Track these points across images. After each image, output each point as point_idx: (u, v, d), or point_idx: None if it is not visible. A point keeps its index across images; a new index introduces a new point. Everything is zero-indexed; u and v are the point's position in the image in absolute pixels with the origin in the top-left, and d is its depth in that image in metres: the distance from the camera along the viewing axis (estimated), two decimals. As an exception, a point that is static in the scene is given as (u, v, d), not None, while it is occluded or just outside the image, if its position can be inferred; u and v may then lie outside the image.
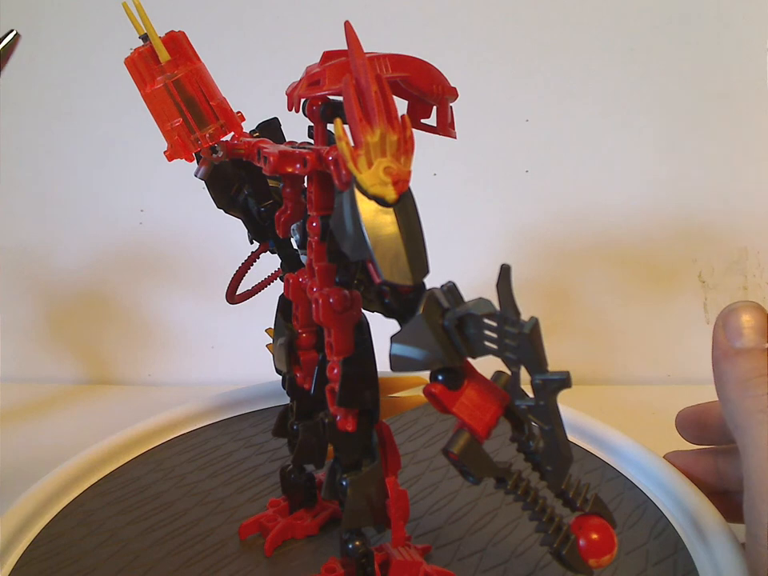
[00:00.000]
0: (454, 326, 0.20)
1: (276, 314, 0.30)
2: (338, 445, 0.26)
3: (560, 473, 0.21)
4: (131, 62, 0.25)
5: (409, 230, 0.20)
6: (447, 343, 0.20)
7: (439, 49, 0.51)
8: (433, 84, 0.26)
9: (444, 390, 0.21)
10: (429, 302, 0.20)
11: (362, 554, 0.26)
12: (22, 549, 0.31)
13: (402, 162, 0.20)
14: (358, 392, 0.24)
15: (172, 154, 0.25)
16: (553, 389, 0.19)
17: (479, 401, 0.21)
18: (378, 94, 0.19)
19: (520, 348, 0.19)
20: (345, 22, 0.21)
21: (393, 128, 0.19)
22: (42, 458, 0.37)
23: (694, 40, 0.53)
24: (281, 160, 0.24)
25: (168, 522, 0.33)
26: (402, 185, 0.20)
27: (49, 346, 0.61)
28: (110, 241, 0.59)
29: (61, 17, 0.55)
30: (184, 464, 0.38)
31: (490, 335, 0.19)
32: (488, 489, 0.35)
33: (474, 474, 0.21)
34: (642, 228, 0.56)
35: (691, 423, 0.34)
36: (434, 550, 0.31)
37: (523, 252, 0.57)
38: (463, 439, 0.21)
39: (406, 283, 0.20)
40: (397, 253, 0.19)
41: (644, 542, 0.31)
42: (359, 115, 0.19)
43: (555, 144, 0.55)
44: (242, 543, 0.32)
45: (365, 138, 0.19)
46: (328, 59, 0.25)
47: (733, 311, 0.28)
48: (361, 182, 0.19)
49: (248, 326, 0.59)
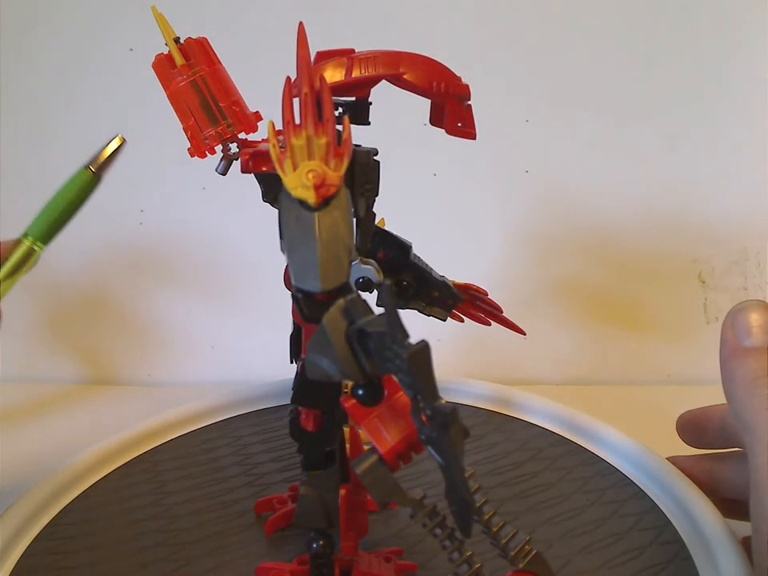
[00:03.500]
0: (356, 340, 0.19)
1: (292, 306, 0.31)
2: (299, 442, 0.26)
3: (463, 515, 0.19)
4: (156, 66, 0.27)
5: (329, 236, 0.19)
6: (350, 357, 0.19)
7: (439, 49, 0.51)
8: (432, 81, 0.26)
9: (355, 405, 0.20)
10: (333, 312, 0.19)
11: (320, 555, 0.26)
12: (23, 548, 0.31)
13: (332, 166, 0.19)
14: (313, 392, 0.24)
15: (191, 151, 0.27)
16: (440, 422, 0.17)
17: (390, 423, 0.20)
18: (307, 97, 0.19)
19: (407, 372, 0.17)
20: (299, 23, 0.21)
21: (322, 131, 0.19)
22: (42, 458, 0.37)
23: (694, 40, 0.53)
24: (251, 160, 0.25)
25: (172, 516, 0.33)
26: (327, 189, 0.19)
27: (49, 346, 0.61)
28: (110, 241, 0.59)
29: (61, 17, 0.55)
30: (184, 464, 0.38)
31: (388, 354, 0.18)
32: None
33: (373, 497, 0.19)
34: (642, 228, 0.56)
35: (691, 427, 0.34)
36: (419, 571, 0.29)
37: (523, 252, 0.57)
38: (370, 460, 0.19)
39: (314, 290, 0.19)
40: (310, 259, 0.19)
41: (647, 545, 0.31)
42: (287, 117, 0.19)
43: (555, 144, 0.55)
44: (258, 518, 0.33)
45: (291, 141, 0.19)
46: (321, 59, 0.26)
47: (742, 310, 0.28)
48: (285, 184, 0.19)
49: (248, 326, 0.59)
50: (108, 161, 0.27)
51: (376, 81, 0.26)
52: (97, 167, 0.27)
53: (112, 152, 0.27)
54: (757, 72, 0.53)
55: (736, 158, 0.55)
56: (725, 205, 0.56)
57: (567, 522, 0.32)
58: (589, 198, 0.56)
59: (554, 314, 0.58)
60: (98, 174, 0.27)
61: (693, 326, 0.58)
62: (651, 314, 0.58)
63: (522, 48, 0.54)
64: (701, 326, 0.58)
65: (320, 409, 0.25)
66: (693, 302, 0.57)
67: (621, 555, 0.30)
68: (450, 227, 0.56)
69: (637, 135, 0.55)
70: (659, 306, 0.58)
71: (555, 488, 0.35)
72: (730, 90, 0.54)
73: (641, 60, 0.54)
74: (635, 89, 0.54)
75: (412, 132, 0.44)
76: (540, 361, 0.57)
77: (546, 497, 0.35)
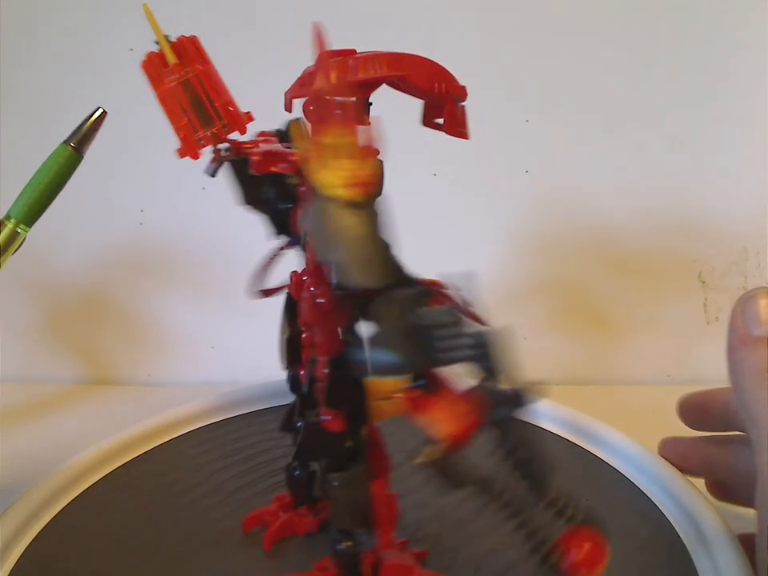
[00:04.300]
0: (422, 332, 0.19)
1: (283, 310, 0.31)
2: (325, 445, 0.26)
3: (543, 483, 0.21)
4: (146, 64, 0.26)
5: (363, 231, 0.19)
6: (416, 349, 0.19)
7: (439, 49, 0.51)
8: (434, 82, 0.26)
9: (422, 396, 0.20)
10: (396, 306, 0.20)
11: (351, 555, 0.26)
12: (23, 548, 0.31)
13: (360, 165, 0.20)
14: (345, 393, 0.24)
15: (181, 152, 0.27)
16: (519, 400, 0.19)
17: (456, 408, 0.21)
18: (335, 97, 0.19)
19: (482, 357, 0.19)
20: (313, 24, 0.21)
21: (349, 130, 0.19)
22: (42, 458, 0.37)
23: (694, 40, 0.53)
24: (263, 160, 0.24)
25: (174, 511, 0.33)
26: (360, 187, 0.19)
27: (49, 346, 0.61)
28: (110, 241, 0.59)
29: (61, 17, 0.55)
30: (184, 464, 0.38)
31: (457, 343, 0.19)
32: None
33: (451, 482, 0.21)
34: (642, 228, 0.56)
35: (694, 408, 0.33)
36: (430, 555, 0.30)
37: (523, 252, 0.57)
38: (431, 448, 0.20)
39: (355, 286, 0.19)
40: (359, 255, 0.19)
41: (646, 545, 0.31)
42: (316, 117, 0.20)
43: (555, 144, 0.55)
44: (246, 536, 0.32)
45: (321, 140, 0.19)
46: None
47: (753, 297, 0.27)
48: (320, 183, 0.19)
49: (248, 326, 0.59)
50: (88, 135, 0.25)
51: (381, 81, 0.26)
52: (77, 142, 0.25)
53: (91, 125, 0.25)
54: (757, 72, 0.53)
55: (736, 158, 0.55)
56: (725, 205, 0.56)
57: (552, 530, 0.32)
58: (589, 198, 0.56)
59: (554, 314, 0.58)
60: (78, 150, 0.26)
61: (693, 325, 0.58)
62: (651, 314, 0.58)
63: (522, 48, 0.54)
64: (701, 326, 0.58)
65: (352, 408, 0.25)
66: (693, 301, 0.57)
67: (620, 555, 0.30)
68: (449, 227, 0.56)
69: (637, 135, 0.55)
70: (659, 306, 0.58)
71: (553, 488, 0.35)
72: (731, 90, 0.54)
73: (641, 61, 0.54)
74: (635, 89, 0.54)
75: (412, 132, 0.44)
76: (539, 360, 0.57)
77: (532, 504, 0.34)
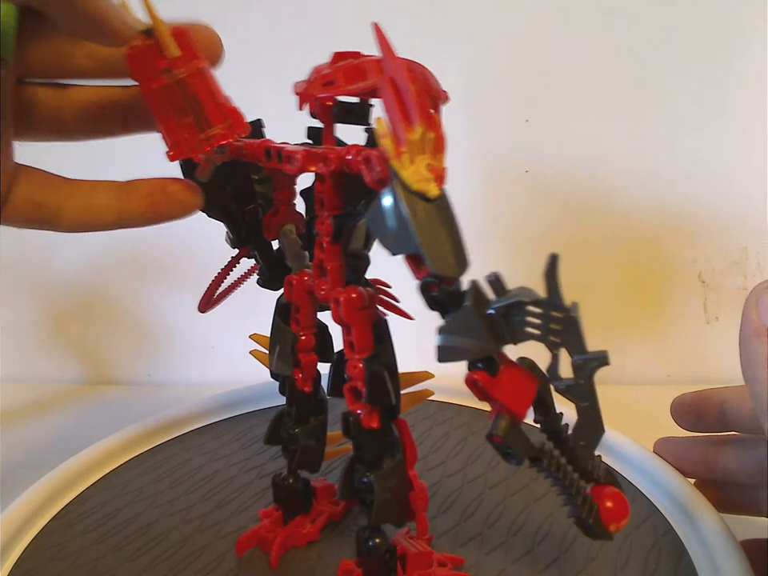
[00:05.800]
0: (501, 314, 0.21)
1: (274, 317, 0.30)
2: (362, 442, 0.26)
3: (593, 446, 0.23)
4: (133, 57, 0.23)
5: (450, 224, 0.20)
6: (493, 331, 0.21)
7: (439, 49, 0.51)
8: None
9: (486, 377, 0.22)
10: (477, 293, 0.21)
11: (385, 550, 0.26)
12: (23, 548, 0.31)
13: (438, 159, 0.20)
14: (384, 388, 0.25)
15: (177, 155, 0.24)
16: (593, 367, 0.21)
17: (516, 385, 0.22)
18: (418, 94, 0.20)
19: (565, 331, 0.20)
20: (373, 24, 0.22)
21: (431, 126, 0.20)
22: (42, 458, 0.37)
23: (694, 39, 0.53)
24: (307, 159, 0.24)
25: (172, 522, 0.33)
26: (442, 181, 0.20)
27: (49, 346, 0.61)
28: (109, 241, 0.59)
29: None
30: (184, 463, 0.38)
31: (533, 321, 0.21)
32: (490, 481, 0.36)
33: (517, 455, 0.22)
34: (642, 228, 0.56)
35: (689, 410, 0.33)
36: (435, 539, 0.31)
37: (523, 252, 0.57)
38: (505, 422, 0.22)
39: (453, 275, 0.21)
40: (442, 246, 0.20)
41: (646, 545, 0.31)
42: (400, 114, 0.20)
43: (555, 144, 0.55)
44: (240, 559, 0.30)
45: (407, 137, 0.20)
46: (339, 60, 0.26)
47: (767, 289, 0.27)
48: (405, 179, 0.20)
49: (248, 327, 0.59)
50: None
51: None
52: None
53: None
54: (757, 72, 0.53)
55: (736, 158, 0.55)
56: (725, 205, 0.56)
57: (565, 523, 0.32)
58: (588, 198, 0.56)
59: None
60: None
61: (693, 326, 0.58)
62: (651, 314, 0.58)
63: (522, 48, 0.54)
64: (701, 326, 0.58)
65: (390, 403, 0.25)
66: (693, 302, 0.57)
67: (620, 556, 0.30)
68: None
69: (637, 135, 0.55)
70: (659, 306, 0.58)
71: (553, 489, 0.35)
72: (731, 90, 0.54)
73: (641, 61, 0.54)
74: (635, 89, 0.54)
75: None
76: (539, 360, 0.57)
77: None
